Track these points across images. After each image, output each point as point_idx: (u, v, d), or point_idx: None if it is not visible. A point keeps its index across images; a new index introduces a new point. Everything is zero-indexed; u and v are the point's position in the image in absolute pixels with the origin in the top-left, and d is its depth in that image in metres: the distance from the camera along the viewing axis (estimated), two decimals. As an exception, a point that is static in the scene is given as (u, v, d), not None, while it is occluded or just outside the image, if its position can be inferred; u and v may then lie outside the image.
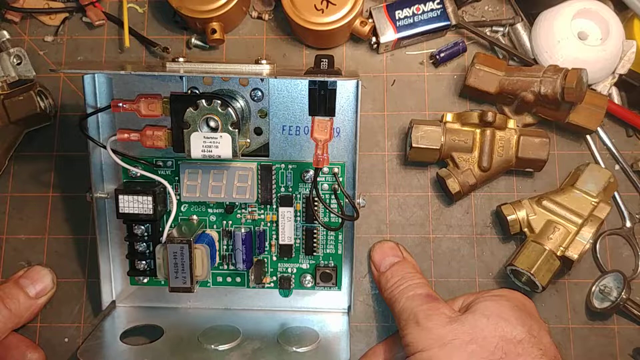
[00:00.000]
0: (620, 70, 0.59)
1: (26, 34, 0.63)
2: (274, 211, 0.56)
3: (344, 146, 0.55)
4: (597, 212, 0.56)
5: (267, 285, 0.58)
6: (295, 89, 0.53)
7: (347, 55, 0.62)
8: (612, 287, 0.57)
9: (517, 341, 0.46)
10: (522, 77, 0.57)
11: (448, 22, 0.59)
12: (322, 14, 0.57)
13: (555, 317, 0.58)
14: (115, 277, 0.57)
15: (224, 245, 0.57)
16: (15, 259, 0.60)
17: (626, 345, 0.58)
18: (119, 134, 0.51)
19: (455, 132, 0.57)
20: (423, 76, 0.62)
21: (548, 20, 0.59)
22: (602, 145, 0.61)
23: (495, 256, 0.59)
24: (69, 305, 0.59)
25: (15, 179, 0.61)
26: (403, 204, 0.60)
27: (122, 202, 0.52)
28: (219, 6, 0.57)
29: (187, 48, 0.63)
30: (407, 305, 0.50)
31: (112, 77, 0.53)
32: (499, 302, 0.49)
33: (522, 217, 0.57)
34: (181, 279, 0.51)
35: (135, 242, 0.54)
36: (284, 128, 0.54)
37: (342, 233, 0.57)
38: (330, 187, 0.55)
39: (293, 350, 0.52)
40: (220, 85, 0.53)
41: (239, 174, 0.54)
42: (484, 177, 0.57)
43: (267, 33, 0.63)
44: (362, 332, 0.59)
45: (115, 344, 0.53)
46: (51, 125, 0.61)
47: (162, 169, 0.55)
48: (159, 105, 0.49)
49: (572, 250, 0.55)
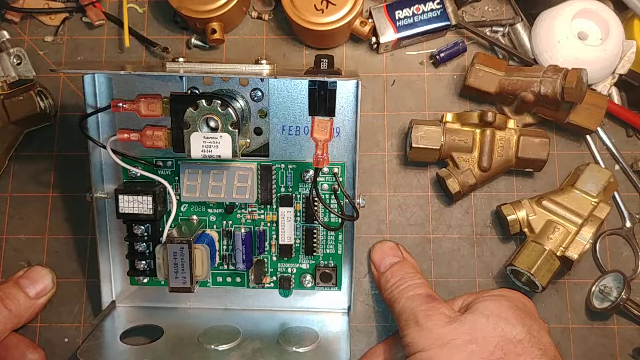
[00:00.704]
0: (620, 70, 0.59)
1: (26, 34, 0.63)
2: (274, 211, 0.56)
3: (344, 146, 0.55)
4: (597, 212, 0.56)
5: (267, 286, 0.58)
6: (295, 89, 0.53)
7: (347, 55, 0.62)
8: (612, 287, 0.57)
9: (517, 341, 0.46)
10: (522, 77, 0.57)
11: (448, 22, 0.59)
12: (322, 14, 0.57)
13: (555, 317, 0.58)
14: (115, 277, 0.57)
15: (224, 245, 0.57)
16: (15, 259, 0.60)
17: (626, 345, 0.58)
18: (119, 134, 0.51)
19: (455, 132, 0.57)
20: (423, 76, 0.62)
21: (548, 20, 0.59)
22: (602, 145, 0.61)
23: (495, 256, 0.59)
24: (69, 305, 0.59)
25: (15, 179, 0.61)
26: (403, 204, 0.60)
27: (122, 202, 0.52)
28: (219, 6, 0.57)
29: (187, 48, 0.63)
30: (407, 305, 0.50)
31: (112, 77, 0.53)
32: (499, 302, 0.49)
33: (522, 217, 0.57)
34: (181, 279, 0.51)
35: (135, 242, 0.54)
36: (284, 128, 0.54)
37: (342, 233, 0.57)
38: (330, 187, 0.55)
39: (293, 350, 0.52)
40: (220, 85, 0.53)
41: (239, 174, 0.54)
42: (484, 177, 0.57)
43: (267, 33, 0.63)
44: (362, 332, 0.59)
45: (115, 344, 0.53)
46: (51, 125, 0.61)
47: (162, 169, 0.55)
48: (159, 105, 0.49)
49: (572, 250, 0.55)
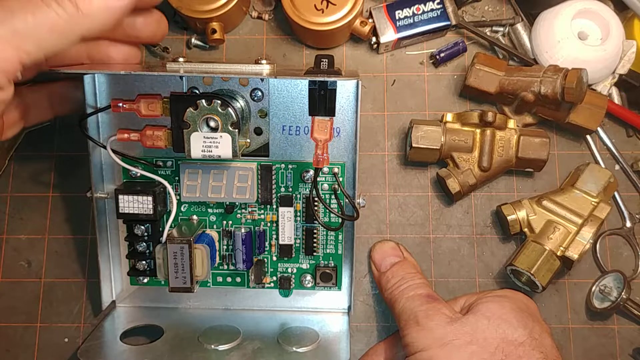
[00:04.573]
0: (620, 70, 0.59)
1: (26, 33, 0.63)
2: (274, 211, 0.56)
3: (344, 146, 0.55)
4: (597, 212, 0.56)
5: (267, 285, 0.58)
6: (295, 89, 0.53)
7: (347, 55, 0.62)
8: (612, 287, 0.57)
9: (518, 343, 0.46)
10: (522, 77, 0.57)
11: (448, 22, 0.59)
12: (322, 14, 0.57)
13: (555, 317, 0.58)
14: (115, 277, 0.57)
15: (224, 245, 0.57)
16: (15, 259, 0.60)
17: (626, 345, 0.58)
18: (119, 134, 0.51)
19: (455, 132, 0.57)
20: (423, 76, 0.62)
21: (548, 20, 0.59)
22: (602, 145, 0.61)
23: (495, 256, 0.59)
24: (69, 305, 0.59)
25: (15, 179, 0.61)
26: (403, 204, 0.60)
27: (122, 202, 0.52)
28: (219, 6, 0.57)
29: (187, 48, 0.62)
30: (408, 305, 0.50)
31: (112, 77, 0.53)
32: (501, 303, 0.49)
33: (522, 217, 0.57)
34: (181, 279, 0.51)
35: (135, 242, 0.54)
36: (284, 128, 0.54)
37: (342, 233, 0.57)
38: (330, 187, 0.55)
39: (293, 350, 0.52)
40: (220, 85, 0.53)
41: (239, 174, 0.54)
42: (484, 177, 0.57)
43: (267, 33, 0.63)
44: (362, 332, 0.59)
45: (115, 344, 0.53)
46: (51, 125, 0.61)
47: (162, 169, 0.55)
48: (159, 105, 0.49)
49: (572, 250, 0.55)
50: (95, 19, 0.39)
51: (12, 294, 0.60)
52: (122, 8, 0.40)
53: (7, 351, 0.59)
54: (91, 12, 0.38)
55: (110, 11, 0.39)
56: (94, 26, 0.39)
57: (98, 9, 0.39)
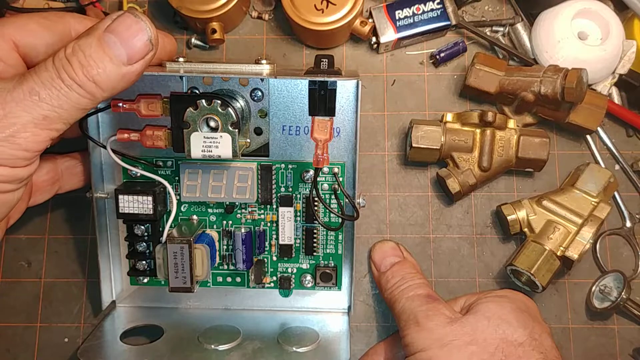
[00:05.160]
0: (620, 70, 0.59)
1: (26, 33, 0.63)
2: (274, 211, 0.56)
3: (344, 146, 0.55)
4: (597, 212, 0.56)
5: (267, 285, 0.58)
6: (295, 89, 0.53)
7: (347, 55, 0.62)
8: (612, 287, 0.57)
9: (518, 344, 0.46)
10: (522, 77, 0.57)
11: (448, 22, 0.59)
12: (322, 14, 0.57)
13: (555, 317, 0.58)
14: (115, 277, 0.57)
15: (224, 245, 0.57)
16: (15, 259, 0.60)
17: (626, 345, 0.58)
18: (119, 134, 0.51)
19: (455, 132, 0.57)
20: (423, 76, 0.62)
21: (548, 20, 0.59)
22: (602, 145, 0.61)
23: (495, 256, 0.59)
24: (69, 305, 0.59)
25: (15, 179, 0.61)
26: (403, 204, 0.60)
27: (122, 202, 0.52)
28: (219, 6, 0.57)
29: (187, 48, 0.62)
30: (407, 305, 0.50)
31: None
32: (501, 303, 0.49)
33: (522, 217, 0.57)
34: (181, 279, 0.51)
35: (135, 242, 0.54)
36: (284, 128, 0.54)
37: (342, 233, 0.57)
38: (330, 187, 0.55)
39: (293, 350, 0.52)
40: (220, 85, 0.53)
41: (239, 174, 0.54)
42: (484, 177, 0.57)
43: (267, 33, 0.63)
44: (362, 332, 0.59)
45: (115, 344, 0.53)
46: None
47: (162, 169, 0.55)
48: (159, 105, 0.49)
49: (572, 250, 0.55)
50: (114, 90, 0.41)
51: (12, 294, 0.60)
52: (137, 72, 0.41)
53: (7, 351, 0.59)
54: (109, 86, 0.40)
55: (126, 78, 0.41)
56: (113, 94, 0.41)
57: (116, 81, 0.40)
